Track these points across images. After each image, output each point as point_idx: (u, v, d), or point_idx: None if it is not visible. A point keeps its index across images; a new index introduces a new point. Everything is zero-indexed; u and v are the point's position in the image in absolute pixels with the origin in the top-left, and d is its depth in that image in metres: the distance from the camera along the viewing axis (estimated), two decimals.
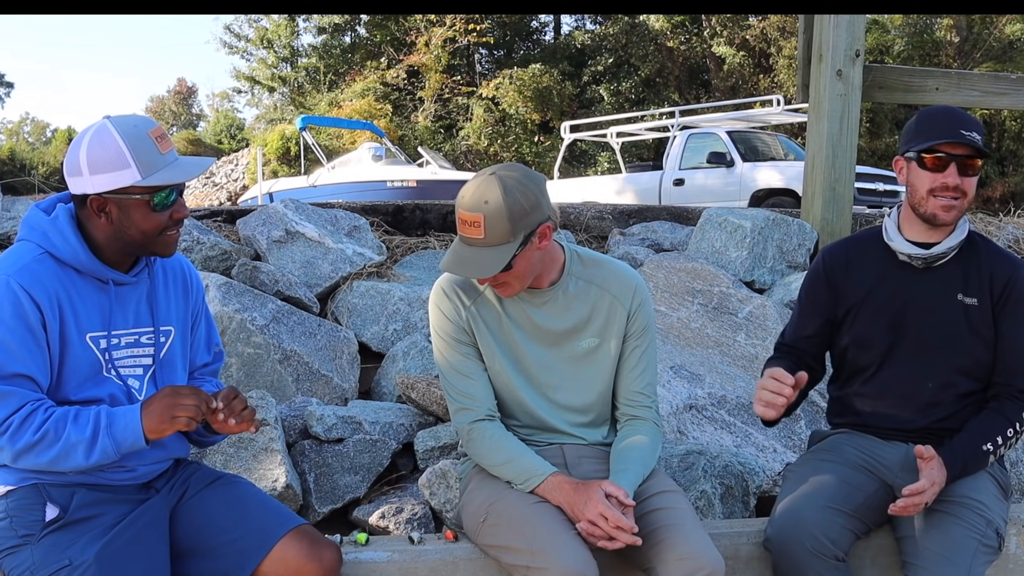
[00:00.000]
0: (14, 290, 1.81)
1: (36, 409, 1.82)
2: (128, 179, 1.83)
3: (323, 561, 1.95)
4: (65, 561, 1.81)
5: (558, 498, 2.10)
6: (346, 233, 4.04)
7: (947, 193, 2.23)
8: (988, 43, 20.64)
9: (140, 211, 1.88)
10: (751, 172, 10.92)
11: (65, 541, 1.84)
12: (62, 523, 1.87)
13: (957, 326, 2.29)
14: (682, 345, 3.47)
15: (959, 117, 2.24)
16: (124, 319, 1.96)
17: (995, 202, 18.50)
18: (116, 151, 1.83)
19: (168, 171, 1.86)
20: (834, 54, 4.20)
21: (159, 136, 1.87)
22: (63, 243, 1.88)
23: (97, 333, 1.91)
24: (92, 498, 1.91)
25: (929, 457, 2.14)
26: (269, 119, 27.71)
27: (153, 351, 2.01)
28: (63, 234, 1.89)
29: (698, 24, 22.56)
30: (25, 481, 1.90)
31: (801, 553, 2.13)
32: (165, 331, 2.04)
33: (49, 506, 1.88)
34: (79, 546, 1.83)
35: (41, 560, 1.83)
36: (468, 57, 25.09)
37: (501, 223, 2.03)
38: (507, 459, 2.18)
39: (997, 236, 4.79)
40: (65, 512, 1.88)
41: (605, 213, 5.01)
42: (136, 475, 1.98)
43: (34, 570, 1.82)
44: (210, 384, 2.16)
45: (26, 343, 1.81)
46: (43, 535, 1.85)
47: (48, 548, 1.84)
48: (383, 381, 3.47)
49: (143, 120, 1.89)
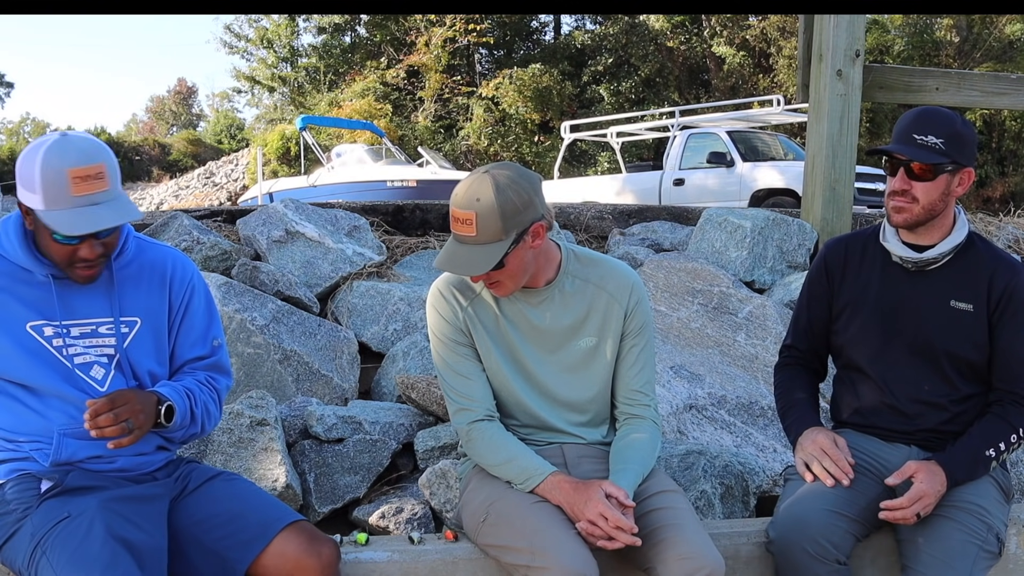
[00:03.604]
0: None
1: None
2: (36, 204, 1.87)
3: (321, 556, 1.96)
4: (64, 514, 1.84)
5: (558, 498, 2.10)
6: (346, 233, 4.04)
7: (896, 198, 2.24)
8: (988, 43, 20.63)
9: (45, 237, 1.92)
10: (751, 172, 10.92)
11: (63, 502, 1.88)
12: (60, 490, 1.90)
13: (947, 331, 2.28)
14: (682, 345, 3.47)
15: (919, 121, 2.22)
16: (72, 310, 1.99)
17: (995, 202, 18.49)
18: (31, 173, 1.85)
19: (68, 214, 1.84)
20: (834, 54, 4.20)
21: (80, 177, 1.83)
22: (4, 239, 1.97)
23: (39, 321, 1.96)
24: (87, 475, 1.95)
25: (910, 473, 2.19)
26: (269, 119, 27.70)
27: (115, 341, 2.02)
28: (6, 231, 1.97)
29: (698, 24, 22.56)
30: (15, 473, 1.95)
31: (803, 557, 2.13)
32: (128, 321, 2.05)
33: (44, 482, 1.92)
34: (78, 502, 1.86)
35: (40, 521, 1.85)
36: (468, 57, 25.08)
37: (493, 221, 2.04)
38: (507, 459, 2.18)
39: (997, 236, 4.79)
40: (62, 482, 1.92)
41: (605, 213, 5.01)
42: (116, 466, 2.00)
43: (34, 532, 1.84)
44: (199, 377, 2.15)
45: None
46: (40, 504, 1.88)
47: (45, 510, 1.87)
48: (383, 381, 3.47)
49: (78, 154, 1.85)
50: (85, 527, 1.81)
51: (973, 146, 2.27)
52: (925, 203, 2.23)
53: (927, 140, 2.19)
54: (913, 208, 2.24)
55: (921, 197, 2.22)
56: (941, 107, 2.30)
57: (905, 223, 2.27)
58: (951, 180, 2.24)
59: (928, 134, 2.19)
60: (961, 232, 2.31)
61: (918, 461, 2.23)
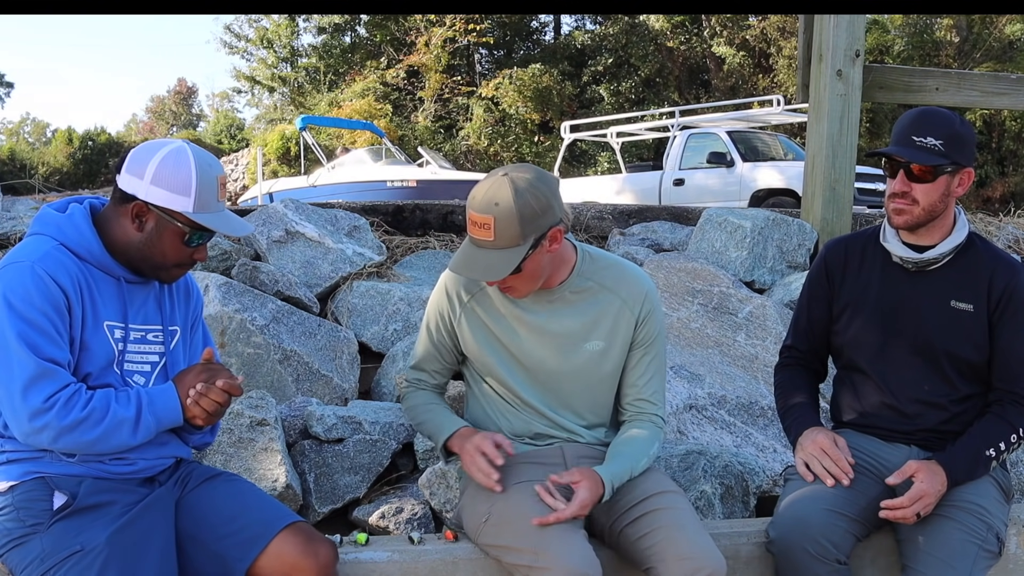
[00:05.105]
0: (40, 275, 1.85)
1: (79, 389, 1.86)
2: (180, 206, 1.93)
3: (319, 557, 1.96)
4: (76, 547, 1.82)
5: (459, 444, 2.20)
6: (346, 233, 4.04)
7: (896, 200, 2.24)
8: (988, 43, 20.63)
9: (172, 238, 1.96)
10: (751, 172, 10.92)
11: (75, 528, 1.85)
12: (71, 510, 1.88)
13: (947, 331, 2.28)
14: (682, 345, 3.47)
15: (918, 122, 2.22)
16: (135, 315, 2.02)
17: (995, 202, 18.49)
18: (186, 178, 1.92)
19: (215, 217, 1.97)
20: (834, 54, 4.20)
21: (222, 183, 1.99)
22: (77, 236, 1.94)
23: (114, 322, 1.97)
24: (99, 487, 1.93)
25: (910, 473, 2.19)
26: (269, 119, 27.70)
27: (162, 348, 2.06)
28: (78, 228, 1.95)
29: (698, 24, 22.56)
30: (28, 476, 1.91)
31: (803, 557, 2.13)
32: (172, 330, 2.10)
33: (57, 494, 1.89)
34: (90, 532, 1.84)
35: (51, 547, 1.83)
36: (468, 57, 25.09)
37: (511, 226, 2.02)
38: (426, 418, 2.32)
39: (997, 236, 4.79)
40: (74, 499, 1.89)
41: (605, 213, 5.01)
42: (136, 468, 1.99)
43: (44, 558, 1.82)
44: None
45: (56, 327, 1.86)
46: (52, 523, 1.86)
47: (58, 535, 1.84)
48: (383, 381, 3.47)
49: (216, 163, 1.99)
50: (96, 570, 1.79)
51: (972, 146, 2.27)
52: (925, 204, 2.23)
53: (926, 141, 2.19)
54: (914, 210, 2.24)
55: (921, 199, 2.22)
56: (940, 108, 2.30)
57: (906, 225, 2.27)
58: (951, 181, 2.24)
59: (927, 135, 2.19)
60: (961, 232, 2.31)
61: (918, 461, 2.24)
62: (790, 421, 2.44)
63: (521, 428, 2.29)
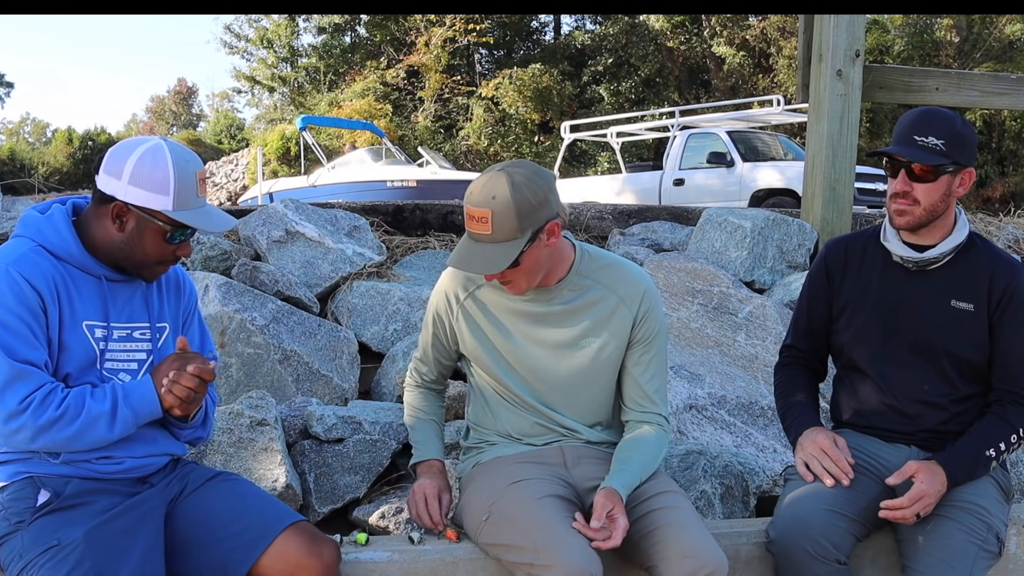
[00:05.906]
0: (14, 277, 1.86)
1: (55, 388, 1.87)
2: (159, 205, 1.91)
3: (323, 557, 1.96)
4: (53, 542, 1.82)
5: (424, 473, 2.33)
6: (346, 233, 4.04)
7: (897, 200, 2.24)
8: (988, 43, 20.63)
9: (153, 236, 1.95)
10: (751, 172, 10.92)
11: (55, 524, 1.86)
12: (53, 507, 1.88)
13: (947, 331, 2.28)
14: (682, 345, 3.47)
15: (920, 122, 2.21)
16: (119, 313, 2.01)
17: (995, 202, 18.49)
18: (163, 176, 1.90)
19: (196, 214, 1.95)
20: (834, 54, 4.20)
21: (202, 179, 1.97)
22: (56, 237, 1.94)
23: (94, 322, 1.96)
24: (86, 487, 1.93)
25: (910, 473, 2.19)
26: (269, 119, 27.71)
27: (149, 347, 2.04)
28: (56, 229, 1.95)
29: (698, 24, 22.55)
30: (17, 476, 1.92)
31: (803, 557, 2.13)
32: (160, 327, 2.08)
33: (42, 492, 1.90)
34: (69, 528, 1.84)
35: (30, 542, 1.84)
36: (468, 57, 25.08)
37: (509, 219, 2.03)
38: (414, 426, 2.42)
39: (997, 236, 4.80)
40: (57, 496, 1.89)
41: (605, 213, 5.01)
42: (124, 467, 1.99)
43: (23, 552, 1.83)
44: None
45: (32, 329, 1.86)
46: (34, 519, 1.87)
47: (37, 531, 1.85)
48: (383, 381, 3.47)
49: (195, 159, 1.97)
50: (71, 565, 1.78)
51: (973, 146, 2.27)
52: (927, 204, 2.23)
53: (927, 141, 2.19)
54: (915, 210, 2.24)
55: (922, 199, 2.22)
56: (941, 108, 2.30)
57: (907, 225, 2.27)
58: (952, 181, 2.24)
59: (928, 135, 2.19)
60: (962, 232, 2.31)
61: (918, 461, 2.24)
62: (790, 421, 2.43)
63: (521, 426, 2.29)
